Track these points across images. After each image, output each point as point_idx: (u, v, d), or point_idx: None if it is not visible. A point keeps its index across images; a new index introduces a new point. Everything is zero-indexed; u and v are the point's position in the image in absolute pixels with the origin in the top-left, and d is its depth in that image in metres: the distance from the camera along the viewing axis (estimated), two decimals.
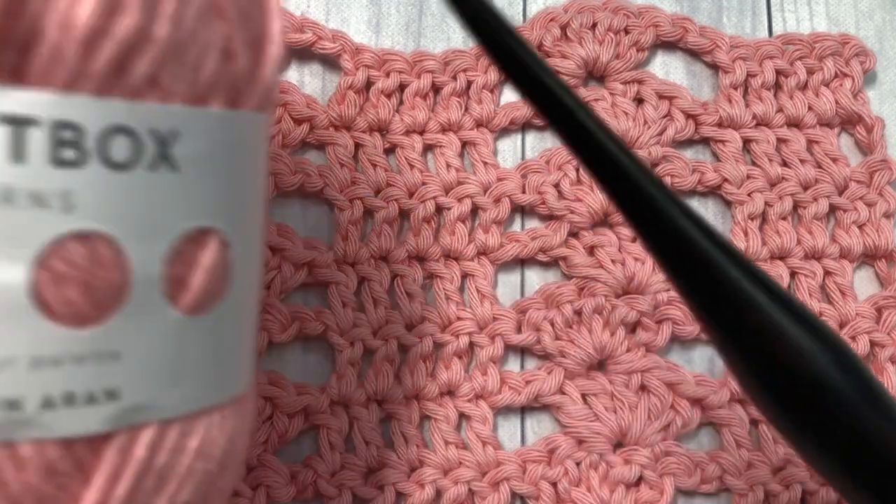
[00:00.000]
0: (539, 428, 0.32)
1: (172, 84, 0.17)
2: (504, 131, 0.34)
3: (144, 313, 0.17)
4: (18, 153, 0.15)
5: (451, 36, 0.35)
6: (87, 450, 0.17)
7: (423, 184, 0.32)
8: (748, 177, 0.33)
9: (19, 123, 0.15)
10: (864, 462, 0.21)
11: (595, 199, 0.33)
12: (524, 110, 0.33)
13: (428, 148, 0.33)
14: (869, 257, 0.33)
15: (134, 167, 0.17)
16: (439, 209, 0.33)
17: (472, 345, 0.32)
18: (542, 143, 0.34)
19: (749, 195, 0.33)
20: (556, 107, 0.20)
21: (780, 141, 0.34)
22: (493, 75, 0.33)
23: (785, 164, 0.34)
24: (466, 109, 0.33)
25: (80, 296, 0.16)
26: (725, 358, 0.22)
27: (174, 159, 0.17)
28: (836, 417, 0.20)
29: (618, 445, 0.31)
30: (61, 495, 0.17)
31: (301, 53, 0.34)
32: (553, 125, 0.21)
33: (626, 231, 0.33)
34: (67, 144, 0.16)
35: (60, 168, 0.16)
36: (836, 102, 0.34)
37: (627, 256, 0.33)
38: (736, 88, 0.34)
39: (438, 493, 0.30)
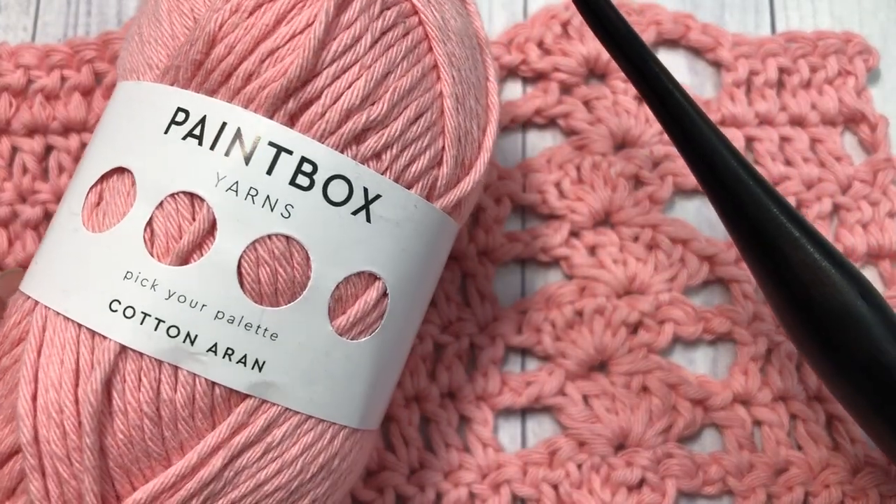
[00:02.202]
0: (540, 430, 0.31)
1: (390, 163, 0.23)
2: (505, 129, 0.34)
3: (308, 315, 0.22)
4: (271, 168, 0.21)
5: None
6: (223, 400, 0.21)
7: None
8: None
9: (280, 150, 0.21)
10: (880, 383, 0.24)
11: (596, 198, 0.32)
12: (525, 108, 0.33)
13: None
14: (873, 257, 0.33)
15: (342, 206, 0.22)
16: None
17: (472, 346, 0.32)
18: (544, 142, 0.34)
19: None
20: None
21: (784, 139, 0.34)
22: None
23: (788, 162, 0.33)
24: None
25: (267, 278, 0.21)
26: (767, 290, 0.26)
27: (371, 213, 0.22)
28: (858, 340, 0.24)
29: (619, 447, 0.31)
30: (191, 425, 0.21)
31: None
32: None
33: (628, 231, 0.32)
34: (304, 174, 0.22)
35: (294, 187, 0.21)
36: (840, 100, 0.34)
37: (629, 256, 0.32)
38: (738, 86, 0.34)
39: (439, 496, 0.30)
